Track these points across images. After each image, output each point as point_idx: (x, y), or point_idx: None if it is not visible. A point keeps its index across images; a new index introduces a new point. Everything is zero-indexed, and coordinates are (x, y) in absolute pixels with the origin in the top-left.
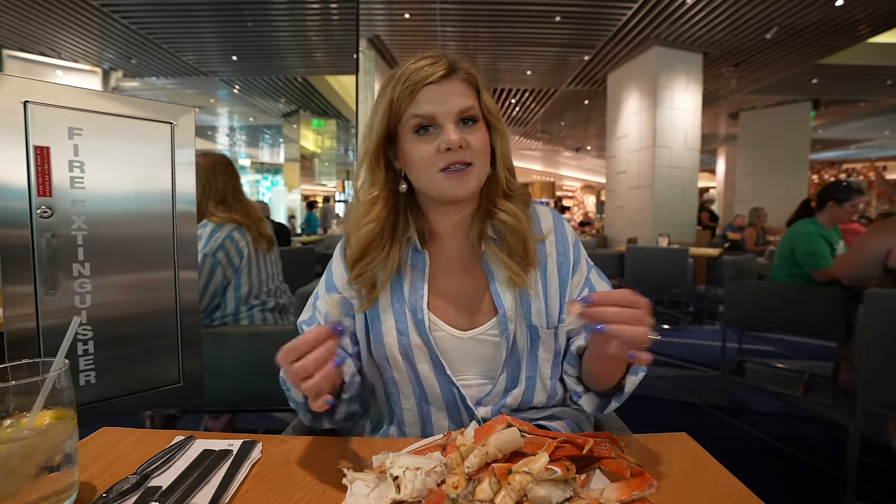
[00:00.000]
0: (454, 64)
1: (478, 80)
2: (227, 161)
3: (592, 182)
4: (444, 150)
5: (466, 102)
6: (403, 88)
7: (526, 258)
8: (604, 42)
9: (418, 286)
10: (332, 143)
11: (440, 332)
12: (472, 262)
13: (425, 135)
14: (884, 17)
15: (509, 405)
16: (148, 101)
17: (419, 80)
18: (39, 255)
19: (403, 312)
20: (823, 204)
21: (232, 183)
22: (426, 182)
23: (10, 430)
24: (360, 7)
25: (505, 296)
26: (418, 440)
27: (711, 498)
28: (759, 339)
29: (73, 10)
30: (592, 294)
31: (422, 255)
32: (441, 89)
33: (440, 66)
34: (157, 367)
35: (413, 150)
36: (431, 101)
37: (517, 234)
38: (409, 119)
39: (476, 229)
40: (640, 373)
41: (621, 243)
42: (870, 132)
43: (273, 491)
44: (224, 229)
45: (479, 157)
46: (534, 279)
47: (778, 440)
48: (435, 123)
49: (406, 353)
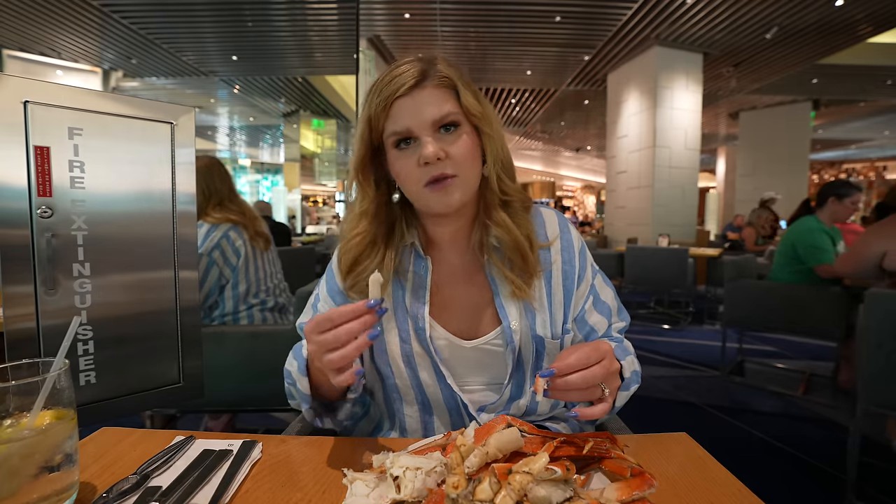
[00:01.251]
0: (425, 70)
1: (455, 81)
2: (220, 163)
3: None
4: (423, 164)
5: (441, 110)
6: (378, 104)
7: (526, 269)
8: (604, 42)
9: (420, 293)
10: (332, 143)
11: (442, 340)
12: (475, 272)
13: (406, 148)
14: (884, 16)
15: (513, 414)
16: (148, 101)
17: (389, 94)
18: (39, 255)
19: (405, 320)
20: (824, 201)
21: (227, 184)
22: (414, 196)
23: (10, 430)
24: (360, 7)
25: (510, 308)
26: (418, 440)
27: (711, 498)
28: (760, 339)
29: (74, 10)
30: (553, 365)
31: (424, 262)
32: (412, 100)
33: (409, 76)
34: (157, 367)
35: (396, 166)
36: (405, 115)
37: (512, 247)
38: (388, 135)
39: (477, 237)
40: (633, 386)
41: (621, 243)
42: (870, 132)
43: (273, 491)
44: (220, 229)
45: (463, 166)
46: (538, 289)
47: (778, 440)
48: (412, 136)
49: (408, 360)
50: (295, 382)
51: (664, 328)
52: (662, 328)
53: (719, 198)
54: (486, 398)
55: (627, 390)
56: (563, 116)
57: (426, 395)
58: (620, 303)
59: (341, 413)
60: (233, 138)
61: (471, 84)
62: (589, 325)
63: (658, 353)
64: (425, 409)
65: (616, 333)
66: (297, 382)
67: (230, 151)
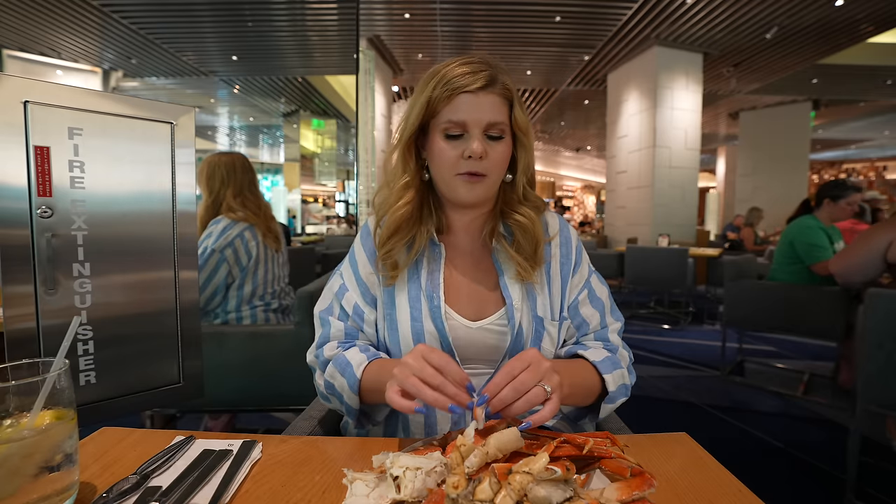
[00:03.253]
0: (494, 76)
1: (513, 95)
2: (245, 159)
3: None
4: (467, 157)
5: (497, 117)
6: (443, 90)
7: (535, 258)
8: (604, 42)
9: (435, 275)
10: (332, 143)
11: (452, 321)
12: (482, 257)
13: (453, 139)
14: (884, 16)
15: None
16: (148, 101)
17: (458, 87)
18: (39, 255)
19: (419, 299)
20: (820, 202)
21: (249, 177)
22: (445, 181)
23: (10, 430)
24: (360, 7)
25: (513, 288)
26: (417, 440)
27: (711, 498)
28: (760, 339)
29: (73, 9)
30: (483, 391)
31: (438, 247)
32: (477, 99)
33: (480, 78)
34: (158, 367)
35: (440, 150)
36: (466, 109)
37: (530, 235)
38: (442, 120)
39: (489, 227)
40: (620, 399)
41: (621, 243)
42: (870, 132)
43: (273, 491)
44: (237, 227)
45: (495, 170)
46: (539, 276)
47: (778, 440)
48: (465, 130)
49: (419, 339)
50: (342, 396)
51: (664, 328)
52: (662, 328)
53: (719, 198)
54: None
55: (613, 403)
56: (563, 116)
57: None
58: (615, 303)
59: (380, 415)
60: (233, 138)
61: (521, 101)
62: (581, 316)
63: (658, 353)
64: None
65: (614, 335)
66: (345, 397)
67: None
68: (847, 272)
